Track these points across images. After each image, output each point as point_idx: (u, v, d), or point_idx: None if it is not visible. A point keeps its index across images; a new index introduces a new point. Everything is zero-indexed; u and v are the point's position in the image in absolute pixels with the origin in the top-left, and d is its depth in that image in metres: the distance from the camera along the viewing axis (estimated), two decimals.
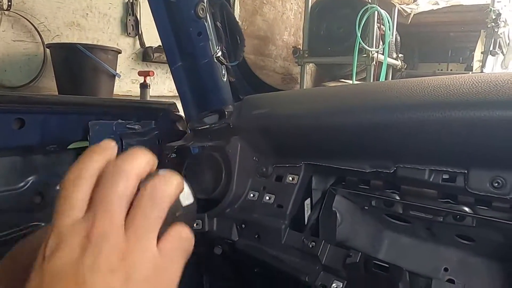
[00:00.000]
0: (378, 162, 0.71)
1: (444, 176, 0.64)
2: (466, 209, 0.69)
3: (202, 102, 0.99)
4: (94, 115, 0.90)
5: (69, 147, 0.96)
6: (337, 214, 0.92)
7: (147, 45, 3.07)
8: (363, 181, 0.85)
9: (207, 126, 0.90)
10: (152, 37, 3.03)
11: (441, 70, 5.44)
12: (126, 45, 3.00)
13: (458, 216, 0.74)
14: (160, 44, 0.94)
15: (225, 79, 1.01)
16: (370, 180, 0.83)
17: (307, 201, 0.95)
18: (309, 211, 0.92)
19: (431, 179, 0.66)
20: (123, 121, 0.94)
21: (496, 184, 0.59)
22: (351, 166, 0.74)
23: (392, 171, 0.69)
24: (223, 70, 1.01)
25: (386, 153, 0.69)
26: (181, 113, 1.11)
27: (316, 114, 0.74)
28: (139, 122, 0.97)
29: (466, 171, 0.62)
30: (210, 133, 0.91)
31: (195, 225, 0.87)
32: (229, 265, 0.98)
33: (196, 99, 1.00)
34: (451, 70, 5.53)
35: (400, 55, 4.60)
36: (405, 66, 4.66)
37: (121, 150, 0.93)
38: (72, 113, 0.88)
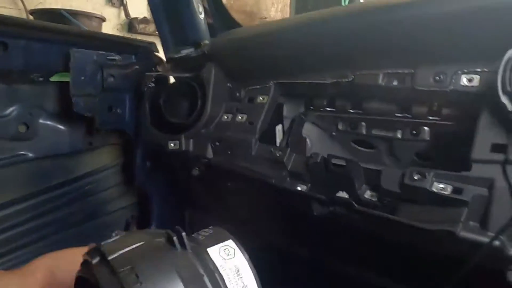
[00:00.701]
0: (338, 72, 0.77)
1: (394, 80, 0.71)
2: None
3: (179, 38, 1.04)
4: (76, 45, 0.94)
5: (51, 78, 1.00)
6: (307, 140, 0.98)
7: (132, 16, 3.08)
8: (329, 104, 0.91)
9: (184, 54, 0.95)
10: (137, 8, 3.03)
11: None
12: (111, 15, 3.00)
13: (414, 131, 0.81)
14: (145, 15, 0.99)
15: (202, 17, 1.05)
16: (335, 100, 0.89)
17: (279, 127, 1.01)
18: (281, 137, 0.98)
19: (384, 83, 0.72)
20: (104, 52, 0.98)
21: (438, 78, 0.65)
22: (314, 79, 0.80)
23: (350, 79, 0.76)
24: (201, 8, 1.05)
25: (344, 63, 0.75)
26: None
27: (279, 30, 0.80)
28: (120, 55, 1.02)
29: (413, 71, 0.68)
30: (186, 62, 0.97)
31: (172, 145, 0.93)
32: (206, 188, 1.04)
33: (174, 35, 1.04)
34: None
35: None
36: None
37: (102, 80, 0.98)
38: (55, 41, 0.92)
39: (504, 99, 0.55)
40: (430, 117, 0.76)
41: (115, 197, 1.28)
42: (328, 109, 0.92)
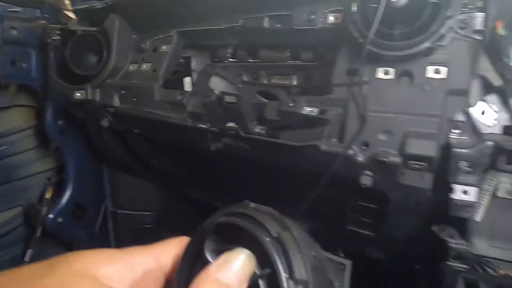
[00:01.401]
0: (230, 17, 0.83)
1: (277, 22, 0.79)
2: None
3: None
4: None
5: None
6: (215, 92, 1.04)
7: None
8: (232, 55, 0.97)
9: (88, 6, 0.96)
10: None
11: None
12: None
13: (305, 76, 0.90)
14: None
15: None
16: (236, 51, 0.96)
17: (187, 79, 1.06)
18: (190, 89, 1.03)
19: (269, 25, 0.80)
20: (4, 4, 0.96)
21: (311, 17, 0.74)
22: (211, 26, 0.86)
23: (241, 23, 0.83)
24: None
25: (235, 9, 0.82)
26: None
27: None
28: (22, 8, 1.00)
29: (291, 13, 0.76)
30: (92, 14, 0.98)
31: (78, 94, 0.94)
32: (118, 140, 1.07)
33: None
34: None
35: None
36: None
37: (2, 31, 0.96)
38: None
39: (354, 33, 0.64)
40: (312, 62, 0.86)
41: (32, 160, 1.26)
42: (231, 60, 0.98)
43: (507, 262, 0.80)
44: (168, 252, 0.38)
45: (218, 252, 0.34)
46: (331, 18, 0.72)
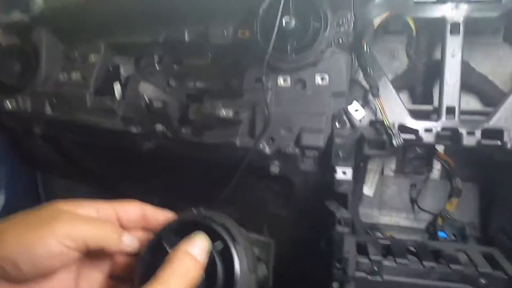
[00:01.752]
0: (153, 31, 0.93)
1: (196, 35, 0.90)
2: None
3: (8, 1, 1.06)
4: None
5: None
6: (145, 97, 1.13)
7: None
8: (159, 61, 1.07)
9: (13, 19, 1.00)
10: None
11: None
12: None
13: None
14: None
15: None
16: (163, 58, 1.05)
17: (117, 86, 1.14)
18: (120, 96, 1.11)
19: (188, 39, 0.91)
20: None
21: (223, 33, 0.86)
22: (135, 38, 0.95)
23: (163, 37, 0.93)
24: None
25: (156, 23, 0.92)
26: None
27: None
28: None
29: (207, 28, 0.88)
30: (17, 26, 1.01)
31: (8, 104, 0.98)
32: (50, 145, 1.12)
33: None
34: None
35: None
36: None
37: None
38: None
39: (258, 49, 0.78)
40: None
41: None
42: (158, 66, 1.08)
43: (393, 226, 1.00)
44: (125, 207, 0.50)
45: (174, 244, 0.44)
46: (239, 33, 0.86)
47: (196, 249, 0.43)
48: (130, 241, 0.47)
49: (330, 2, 0.75)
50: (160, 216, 0.51)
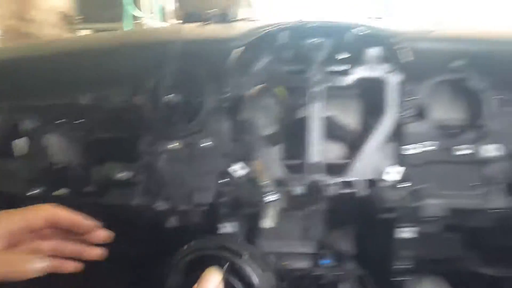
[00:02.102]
0: (50, 95, 0.97)
1: (94, 100, 0.95)
2: None
3: None
4: None
5: None
6: (49, 149, 1.14)
7: None
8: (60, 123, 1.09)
9: None
10: None
11: None
12: None
13: None
14: None
15: None
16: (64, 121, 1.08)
17: (20, 141, 1.14)
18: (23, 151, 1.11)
19: (86, 102, 0.96)
20: None
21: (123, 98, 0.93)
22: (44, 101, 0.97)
23: (62, 101, 0.96)
24: None
25: (47, 89, 0.95)
26: None
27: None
28: None
29: (108, 92, 0.94)
30: None
31: None
32: None
33: None
34: None
35: (180, 21, 5.00)
36: None
37: None
38: None
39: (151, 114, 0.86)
40: None
41: None
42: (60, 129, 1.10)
43: (289, 253, 1.13)
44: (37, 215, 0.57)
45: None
46: (135, 100, 0.93)
47: (211, 285, 0.51)
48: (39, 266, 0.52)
49: (208, 74, 0.85)
50: (72, 217, 0.60)
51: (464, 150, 0.81)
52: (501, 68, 0.81)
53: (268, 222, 1.15)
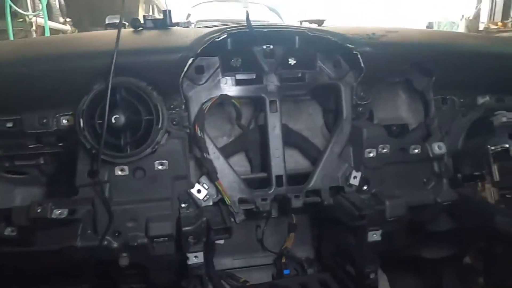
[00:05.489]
0: None
1: (8, 124, 0.78)
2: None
3: None
4: None
5: None
6: None
7: None
8: None
9: None
10: None
11: None
12: None
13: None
14: None
15: None
16: None
17: None
18: None
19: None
20: None
21: (44, 121, 0.77)
22: None
23: None
24: None
25: None
26: None
27: None
28: None
29: (20, 117, 0.77)
30: None
31: None
32: None
33: None
34: None
35: (68, 19, 4.52)
36: (76, 31, 4.61)
37: None
38: None
39: (87, 145, 0.71)
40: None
41: None
42: None
43: (246, 267, 1.09)
44: None
45: None
46: (64, 121, 0.78)
47: None
48: None
49: (159, 90, 0.75)
50: None
51: (414, 150, 0.85)
52: (442, 69, 0.86)
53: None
